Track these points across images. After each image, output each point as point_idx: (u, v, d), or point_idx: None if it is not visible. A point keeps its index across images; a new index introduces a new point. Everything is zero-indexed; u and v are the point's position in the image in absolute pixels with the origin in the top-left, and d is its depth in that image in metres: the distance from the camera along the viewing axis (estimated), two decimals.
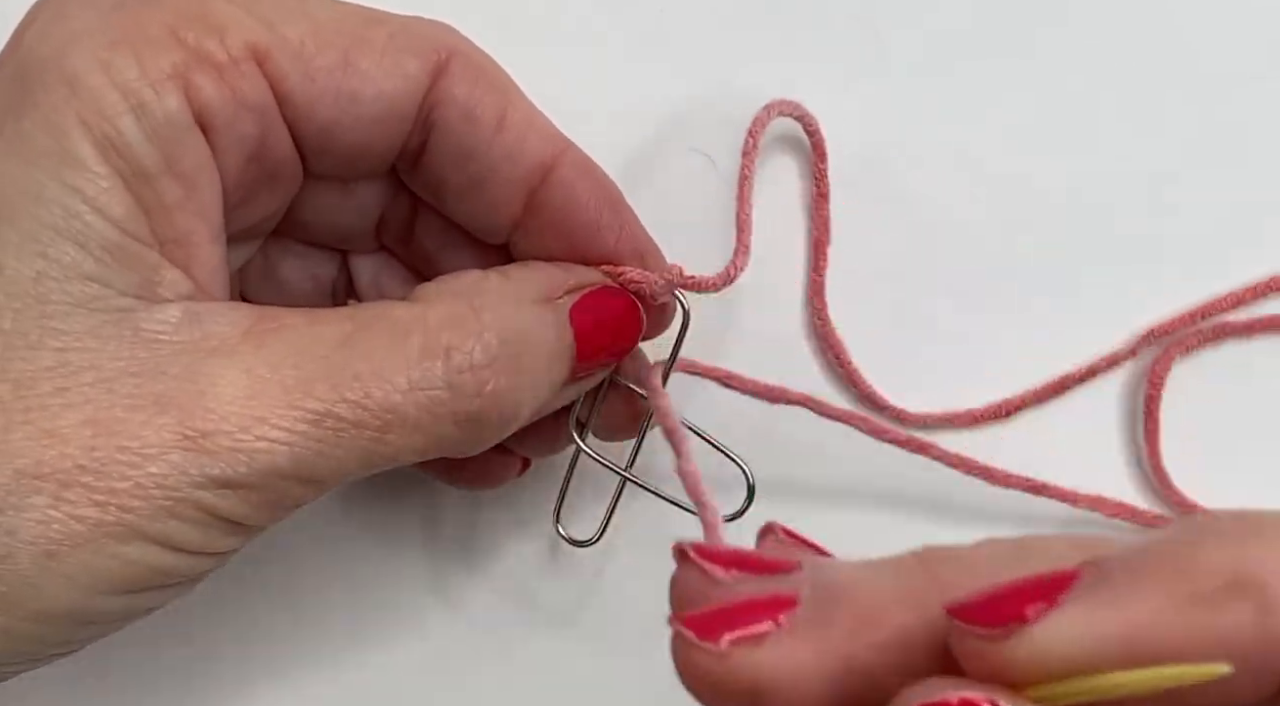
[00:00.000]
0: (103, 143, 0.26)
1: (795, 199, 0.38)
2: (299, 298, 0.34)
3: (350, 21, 0.29)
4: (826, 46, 0.39)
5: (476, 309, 0.28)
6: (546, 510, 0.36)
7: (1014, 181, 0.38)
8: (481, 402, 0.28)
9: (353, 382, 0.27)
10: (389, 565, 0.38)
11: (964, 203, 0.38)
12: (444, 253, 0.33)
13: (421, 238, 0.33)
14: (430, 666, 0.37)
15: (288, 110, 0.28)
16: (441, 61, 0.29)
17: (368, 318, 0.28)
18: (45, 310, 0.25)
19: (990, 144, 0.38)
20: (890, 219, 0.38)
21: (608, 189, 0.31)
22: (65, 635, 0.26)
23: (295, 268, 0.33)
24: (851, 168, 0.38)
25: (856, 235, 0.38)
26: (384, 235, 0.33)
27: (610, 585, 0.38)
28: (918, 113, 0.39)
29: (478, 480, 0.35)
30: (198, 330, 0.27)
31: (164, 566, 0.26)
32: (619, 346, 0.32)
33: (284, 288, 0.33)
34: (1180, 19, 0.39)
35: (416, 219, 0.33)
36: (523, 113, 0.30)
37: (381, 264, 0.34)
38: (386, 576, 0.38)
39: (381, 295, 0.34)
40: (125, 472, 0.25)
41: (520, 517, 0.38)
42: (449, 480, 0.35)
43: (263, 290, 0.33)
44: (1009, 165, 0.38)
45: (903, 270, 0.38)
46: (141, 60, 0.26)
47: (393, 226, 0.33)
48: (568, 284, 0.31)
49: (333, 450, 0.26)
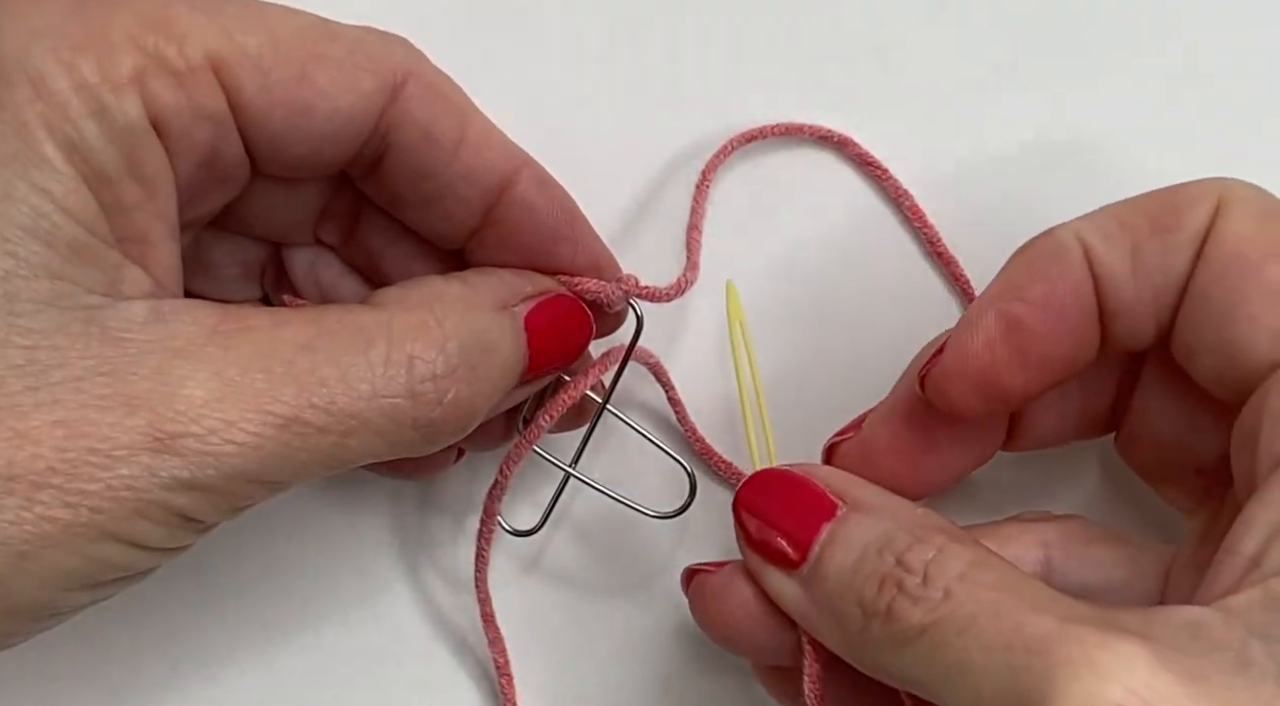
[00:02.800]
0: (66, 145, 0.26)
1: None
2: (227, 283, 0.34)
3: (309, 34, 0.29)
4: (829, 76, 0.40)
5: (439, 318, 0.29)
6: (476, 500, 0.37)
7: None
8: (442, 411, 0.29)
9: (319, 388, 0.27)
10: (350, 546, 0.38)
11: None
12: (391, 249, 0.34)
13: (367, 235, 0.34)
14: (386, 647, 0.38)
15: (242, 119, 0.28)
16: (398, 81, 0.30)
17: (332, 323, 0.29)
18: (14, 308, 0.26)
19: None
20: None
21: (565, 204, 0.32)
22: (30, 628, 0.27)
23: (225, 254, 0.34)
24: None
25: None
26: (323, 231, 0.34)
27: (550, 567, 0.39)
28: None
29: (415, 472, 0.36)
30: (164, 328, 0.27)
31: (128, 563, 0.26)
32: (570, 353, 0.33)
33: (212, 272, 0.34)
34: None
35: (362, 217, 0.33)
36: (480, 130, 0.31)
37: (317, 255, 0.34)
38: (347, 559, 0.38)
39: (319, 286, 0.34)
40: (96, 474, 0.25)
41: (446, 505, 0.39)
42: (383, 471, 0.36)
43: (191, 275, 0.33)
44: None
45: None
46: (102, 64, 0.26)
47: (335, 222, 0.34)
48: (525, 291, 0.32)
49: (296, 454, 0.27)
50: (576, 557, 0.38)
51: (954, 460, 0.33)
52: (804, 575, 0.30)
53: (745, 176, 0.39)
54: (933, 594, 0.27)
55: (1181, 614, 0.26)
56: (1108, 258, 0.30)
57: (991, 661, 0.25)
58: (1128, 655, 0.24)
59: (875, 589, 0.28)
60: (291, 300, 0.34)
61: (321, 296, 0.34)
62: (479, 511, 0.35)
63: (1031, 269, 0.31)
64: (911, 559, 0.28)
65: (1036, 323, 0.30)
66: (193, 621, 0.38)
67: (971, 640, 0.26)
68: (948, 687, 0.26)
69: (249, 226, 0.33)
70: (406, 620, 0.38)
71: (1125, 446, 0.34)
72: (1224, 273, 0.29)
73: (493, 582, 0.37)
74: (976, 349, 0.30)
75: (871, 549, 0.29)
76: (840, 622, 0.29)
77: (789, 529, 0.30)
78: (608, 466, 0.38)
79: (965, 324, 0.31)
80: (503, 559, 0.38)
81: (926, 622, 0.27)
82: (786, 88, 0.39)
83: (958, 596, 0.27)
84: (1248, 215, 0.29)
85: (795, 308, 0.39)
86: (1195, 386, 0.31)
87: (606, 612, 0.38)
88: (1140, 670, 0.24)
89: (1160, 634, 0.25)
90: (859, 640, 0.28)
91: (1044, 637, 0.25)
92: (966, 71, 0.39)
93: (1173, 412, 0.32)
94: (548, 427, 0.34)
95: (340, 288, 0.34)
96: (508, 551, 0.38)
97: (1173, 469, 0.33)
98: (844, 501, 0.30)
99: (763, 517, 0.31)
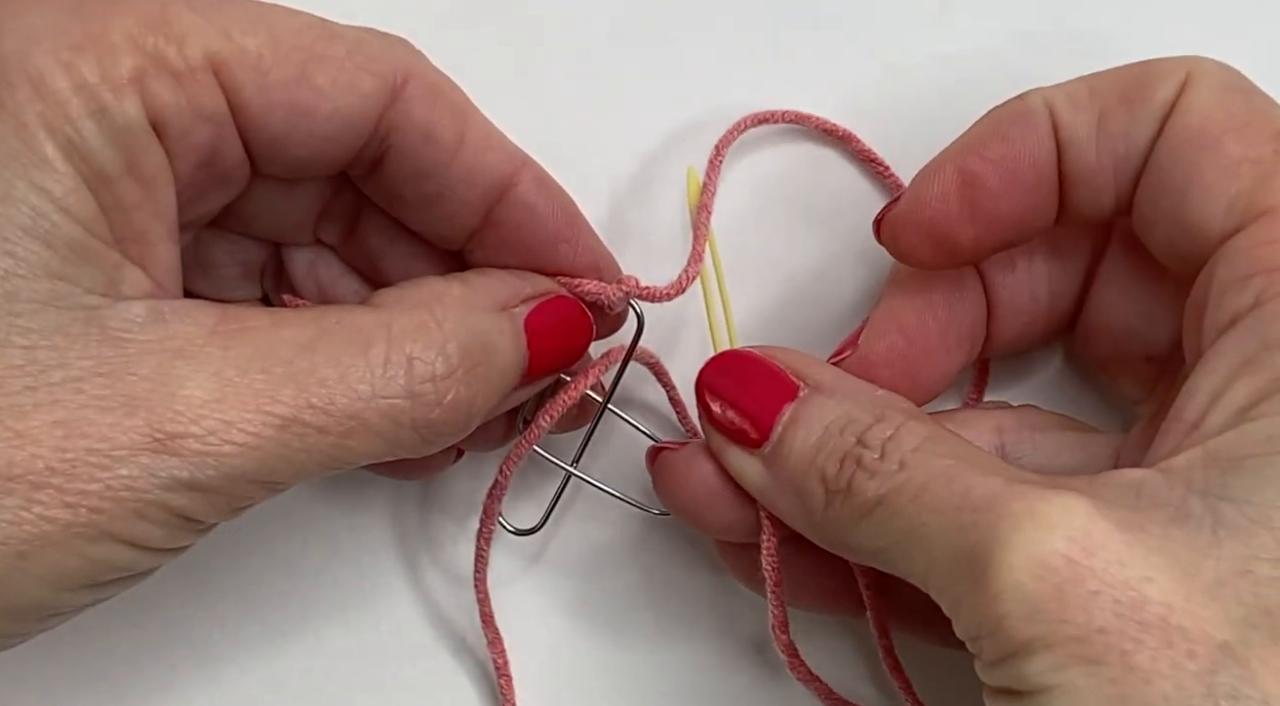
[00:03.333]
0: (66, 145, 0.26)
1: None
2: (226, 283, 0.34)
3: (309, 35, 0.29)
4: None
5: (439, 319, 0.29)
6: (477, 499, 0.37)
7: None
8: (441, 411, 0.29)
9: (318, 389, 0.27)
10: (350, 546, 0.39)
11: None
12: (391, 249, 0.34)
13: (367, 235, 0.34)
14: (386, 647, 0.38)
15: (241, 120, 0.28)
16: (398, 83, 0.30)
17: (331, 323, 0.29)
18: (13, 308, 0.26)
19: None
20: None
21: (565, 205, 0.32)
22: (30, 628, 0.27)
23: (225, 253, 0.34)
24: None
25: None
26: (323, 230, 0.34)
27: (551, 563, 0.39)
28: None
29: (415, 472, 0.36)
30: (163, 329, 0.27)
31: (128, 563, 0.26)
32: (570, 355, 0.33)
33: (211, 272, 0.34)
34: None
35: (362, 216, 0.33)
36: (480, 132, 0.31)
37: (316, 254, 0.34)
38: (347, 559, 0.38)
39: (319, 286, 0.34)
40: (95, 475, 0.25)
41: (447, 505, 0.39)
42: (384, 471, 0.36)
43: (191, 275, 0.33)
44: None
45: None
46: (102, 64, 0.26)
47: (334, 223, 0.34)
48: (524, 293, 0.32)
49: (295, 454, 0.27)
50: (578, 557, 0.38)
51: (946, 363, 0.34)
52: (765, 454, 0.31)
53: (747, 171, 0.39)
54: (889, 466, 0.28)
55: (1124, 475, 0.27)
56: (1072, 123, 0.31)
57: (942, 522, 0.27)
58: (1068, 506, 0.25)
59: (836, 466, 0.29)
60: (291, 299, 0.34)
61: (321, 296, 0.34)
62: (480, 511, 0.35)
63: (996, 128, 0.31)
64: (871, 437, 0.29)
65: (992, 180, 0.31)
66: (193, 621, 0.38)
67: (924, 505, 0.27)
68: (903, 553, 0.28)
69: (249, 226, 0.33)
70: (407, 620, 0.38)
71: (1082, 335, 0.35)
72: (1183, 145, 0.29)
73: (494, 582, 0.37)
74: (931, 199, 0.31)
75: (833, 428, 0.30)
76: (802, 500, 0.30)
77: (751, 409, 0.31)
78: (609, 466, 0.38)
79: (924, 174, 0.32)
80: (504, 558, 0.38)
81: (882, 493, 0.28)
82: (789, 89, 0.39)
83: (911, 466, 0.28)
84: (1212, 90, 0.30)
85: (791, 301, 0.39)
86: (1151, 275, 0.32)
87: (607, 612, 0.38)
88: (1079, 517, 0.25)
89: (1103, 492, 0.26)
90: (821, 518, 0.30)
91: (990, 497, 0.26)
92: (967, 72, 0.39)
93: (1128, 300, 0.33)
94: (548, 428, 0.34)
95: (340, 287, 0.34)
96: (509, 551, 0.38)
97: (1126, 357, 0.34)
98: (805, 382, 0.31)
99: (725, 398, 0.32)
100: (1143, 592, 0.24)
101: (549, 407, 0.34)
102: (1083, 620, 0.24)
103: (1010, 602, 0.24)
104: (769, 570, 0.32)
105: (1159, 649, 0.24)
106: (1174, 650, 0.24)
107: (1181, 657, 0.24)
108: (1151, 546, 0.25)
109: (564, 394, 0.34)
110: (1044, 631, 0.24)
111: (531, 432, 0.34)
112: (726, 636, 0.38)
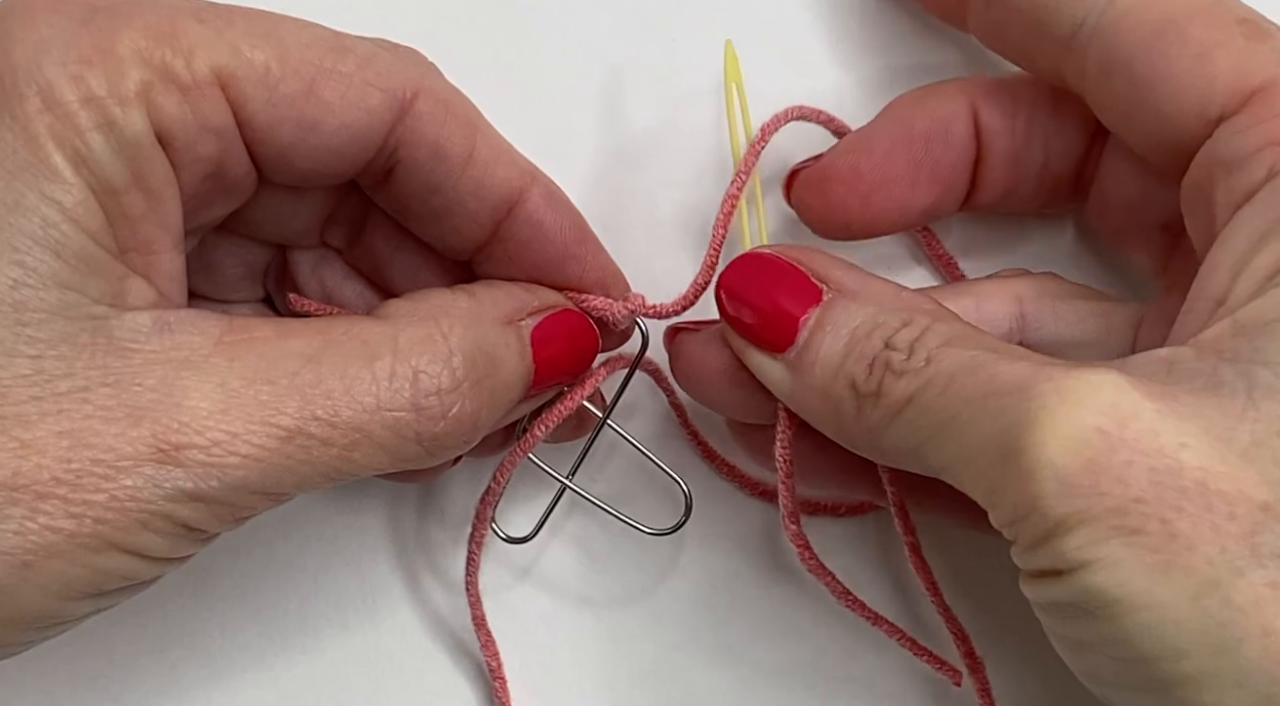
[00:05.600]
0: (74, 157, 0.26)
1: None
2: (229, 283, 0.34)
3: (319, 49, 0.29)
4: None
5: (445, 332, 0.29)
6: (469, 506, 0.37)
7: None
8: (446, 425, 0.29)
9: (323, 401, 0.27)
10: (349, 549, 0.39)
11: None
12: (397, 255, 0.34)
13: (374, 240, 0.34)
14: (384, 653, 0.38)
15: (248, 133, 0.28)
16: (407, 98, 0.29)
17: (337, 334, 0.29)
18: (21, 318, 0.26)
19: None
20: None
21: (574, 221, 0.32)
22: (33, 637, 0.27)
23: (230, 255, 0.34)
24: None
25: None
26: (329, 234, 0.34)
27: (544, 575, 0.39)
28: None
29: (414, 475, 0.36)
30: (169, 339, 0.27)
31: (132, 572, 0.27)
32: (575, 369, 0.33)
33: (215, 273, 0.34)
34: None
35: (368, 222, 0.33)
36: (490, 146, 0.31)
37: (321, 257, 0.34)
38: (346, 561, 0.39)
39: (323, 288, 0.34)
40: (100, 485, 0.26)
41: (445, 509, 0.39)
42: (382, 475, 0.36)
43: (194, 275, 0.32)
44: None
45: None
46: (110, 77, 0.26)
47: (341, 227, 0.34)
48: (531, 306, 0.32)
49: (300, 466, 0.27)
50: (572, 566, 0.38)
51: (906, 196, 0.34)
52: (790, 358, 0.31)
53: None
54: (916, 363, 0.28)
55: (1154, 354, 0.27)
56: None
57: (972, 412, 0.26)
58: (1097, 382, 0.25)
59: (866, 371, 0.29)
60: (296, 299, 0.34)
61: (325, 298, 0.34)
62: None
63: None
64: (898, 340, 0.29)
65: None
66: (192, 623, 0.38)
67: (953, 396, 0.27)
68: (936, 448, 0.27)
69: (254, 230, 0.33)
70: (405, 622, 0.38)
71: (1096, 205, 0.34)
72: (1147, 37, 0.29)
73: (490, 588, 0.37)
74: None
75: (860, 332, 0.29)
76: (832, 405, 0.30)
77: (774, 314, 0.31)
78: (608, 477, 0.38)
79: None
80: (500, 565, 0.38)
81: (911, 391, 0.28)
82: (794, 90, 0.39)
83: (939, 361, 0.28)
84: None
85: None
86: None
87: (600, 620, 0.38)
88: (1109, 391, 0.25)
89: (1133, 370, 0.26)
90: (852, 422, 0.29)
91: (1019, 380, 0.26)
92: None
93: (1141, 166, 0.32)
94: (543, 437, 0.34)
95: (344, 290, 0.34)
96: (505, 558, 0.38)
97: (1140, 226, 0.34)
98: (828, 285, 0.31)
99: (746, 302, 0.31)
100: (1179, 459, 0.24)
101: (545, 417, 0.34)
102: (1119, 491, 0.24)
103: (1045, 480, 0.24)
104: (782, 462, 0.32)
105: (1199, 514, 0.23)
106: (1214, 514, 0.23)
107: (1222, 520, 0.23)
108: (1184, 414, 0.24)
109: (561, 404, 0.34)
110: (1081, 506, 0.24)
111: (526, 441, 0.34)
112: (722, 637, 0.38)
